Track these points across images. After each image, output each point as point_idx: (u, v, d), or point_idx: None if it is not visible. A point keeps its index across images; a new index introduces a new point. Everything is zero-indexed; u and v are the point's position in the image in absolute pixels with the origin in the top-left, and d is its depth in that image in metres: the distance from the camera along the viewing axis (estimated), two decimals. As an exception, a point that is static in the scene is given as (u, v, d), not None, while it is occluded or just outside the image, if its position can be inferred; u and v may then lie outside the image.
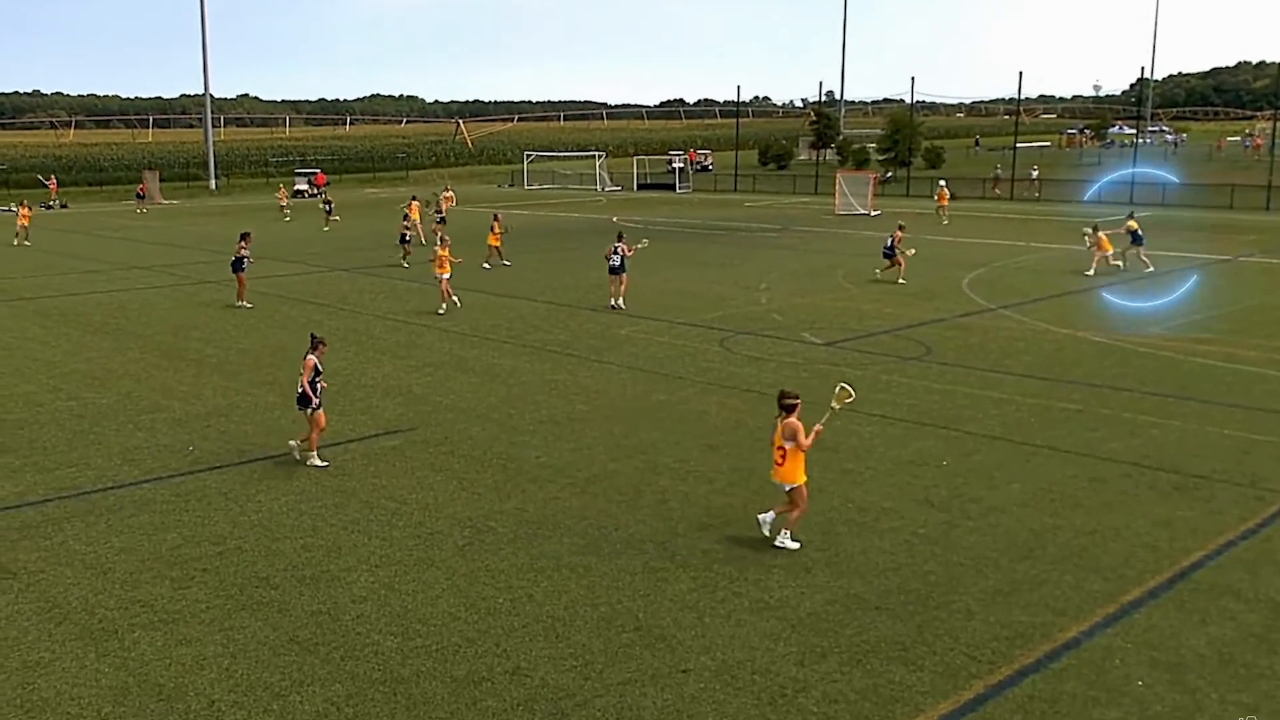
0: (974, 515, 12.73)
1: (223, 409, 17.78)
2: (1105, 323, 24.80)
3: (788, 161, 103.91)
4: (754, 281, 31.87)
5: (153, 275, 34.87)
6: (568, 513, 12.90)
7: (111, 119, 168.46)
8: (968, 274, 33.23)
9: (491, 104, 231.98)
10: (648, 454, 15.14)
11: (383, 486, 13.89)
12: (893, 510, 12.93)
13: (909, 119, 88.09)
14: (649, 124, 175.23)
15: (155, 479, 14.30)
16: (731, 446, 15.46)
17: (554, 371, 20.31)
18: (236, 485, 14.02)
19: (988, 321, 25.16)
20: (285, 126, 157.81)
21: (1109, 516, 12.71)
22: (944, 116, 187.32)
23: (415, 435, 16.19)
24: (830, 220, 53.67)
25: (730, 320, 25.55)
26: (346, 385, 19.28)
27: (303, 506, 13.18)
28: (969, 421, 16.69)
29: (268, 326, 25.28)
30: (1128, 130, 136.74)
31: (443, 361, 21.25)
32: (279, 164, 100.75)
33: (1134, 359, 21.22)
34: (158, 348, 22.91)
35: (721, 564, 11.38)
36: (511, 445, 15.57)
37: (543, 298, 29.00)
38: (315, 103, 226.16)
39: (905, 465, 14.62)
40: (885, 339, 23.29)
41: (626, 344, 22.80)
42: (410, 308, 27.62)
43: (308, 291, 30.69)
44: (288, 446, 15.15)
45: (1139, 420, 16.72)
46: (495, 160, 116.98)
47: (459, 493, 13.63)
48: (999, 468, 14.49)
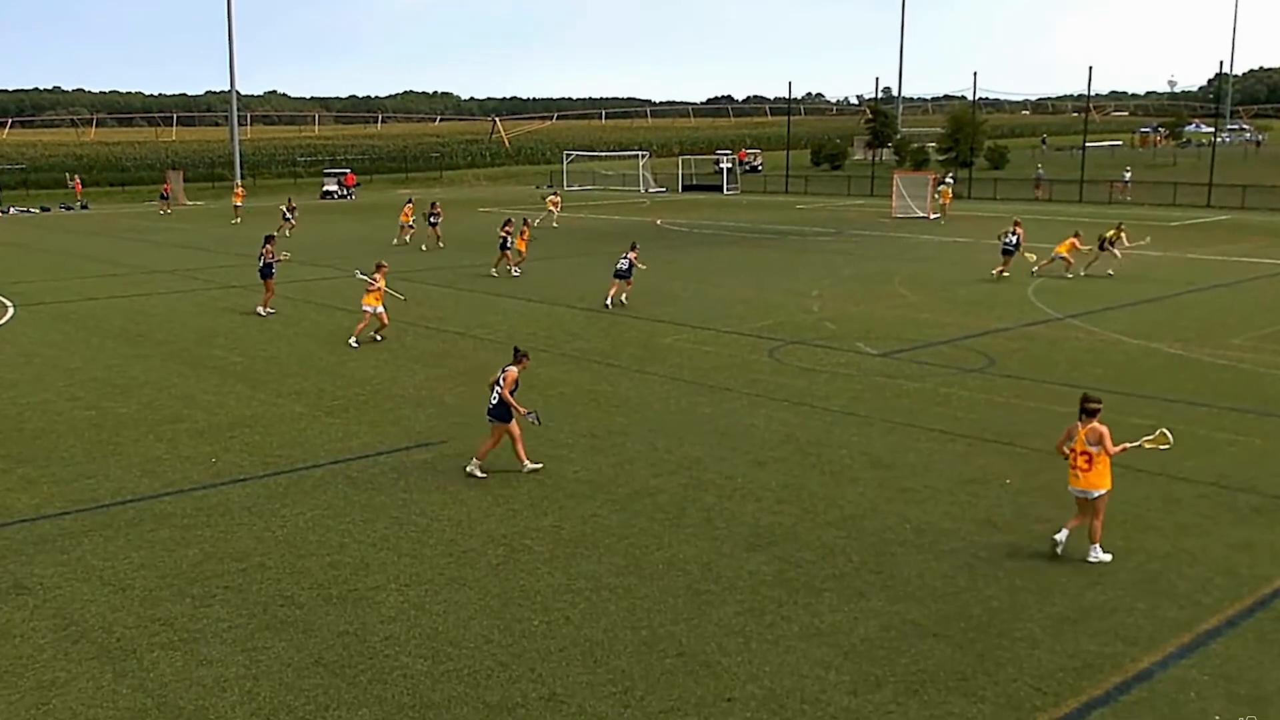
0: (1039, 537, 12.60)
1: (247, 419, 17.96)
2: (1181, 333, 24.50)
3: (842, 162, 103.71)
4: (806, 288, 31.79)
5: (175, 279, 35.31)
6: (607, 531, 12.90)
7: (134, 117, 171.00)
8: (1034, 281, 32.96)
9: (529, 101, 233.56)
10: (692, 470, 15.12)
11: (413, 502, 13.96)
12: (953, 531, 12.83)
13: (971, 117, 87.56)
14: (695, 122, 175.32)
15: (176, 492, 14.45)
16: (781, 462, 15.41)
17: (594, 382, 20.34)
18: (261, 499, 14.14)
19: (1054, 331, 24.94)
20: (314, 125, 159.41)
21: (1184, 540, 12.55)
22: (1008, 114, 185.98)
23: (447, 448, 16.26)
24: (887, 224, 53.48)
25: (780, 329, 25.48)
26: (375, 395, 19.41)
27: (330, 522, 13.27)
28: (1034, 437, 16.53)
29: (294, 334, 25.52)
30: (1205, 129, 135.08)
31: (476, 371, 21.33)
32: (307, 164, 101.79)
33: (1211, 372, 20.95)
34: (180, 355, 23.18)
35: (770, 587, 11.33)
36: (548, 459, 15.60)
37: (582, 304, 29.07)
38: (345, 100, 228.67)
39: (966, 484, 14.51)
40: (945, 350, 23.14)
41: (670, 354, 22.80)
42: (443, 314, 27.78)
43: (337, 296, 30.94)
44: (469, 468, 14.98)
45: (1216, 438, 16.50)
46: (533, 160, 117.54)
47: (493, 509, 13.68)
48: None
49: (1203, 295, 30.56)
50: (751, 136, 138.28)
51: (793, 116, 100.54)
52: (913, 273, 35.17)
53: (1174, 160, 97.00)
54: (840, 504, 13.75)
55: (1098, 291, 30.96)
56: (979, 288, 31.66)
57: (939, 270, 36.08)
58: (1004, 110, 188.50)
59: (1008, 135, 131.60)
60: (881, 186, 71.31)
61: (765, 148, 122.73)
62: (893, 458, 15.55)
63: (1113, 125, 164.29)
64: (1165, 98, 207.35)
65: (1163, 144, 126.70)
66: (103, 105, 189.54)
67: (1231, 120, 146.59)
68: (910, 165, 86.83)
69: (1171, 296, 30.33)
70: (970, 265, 37.24)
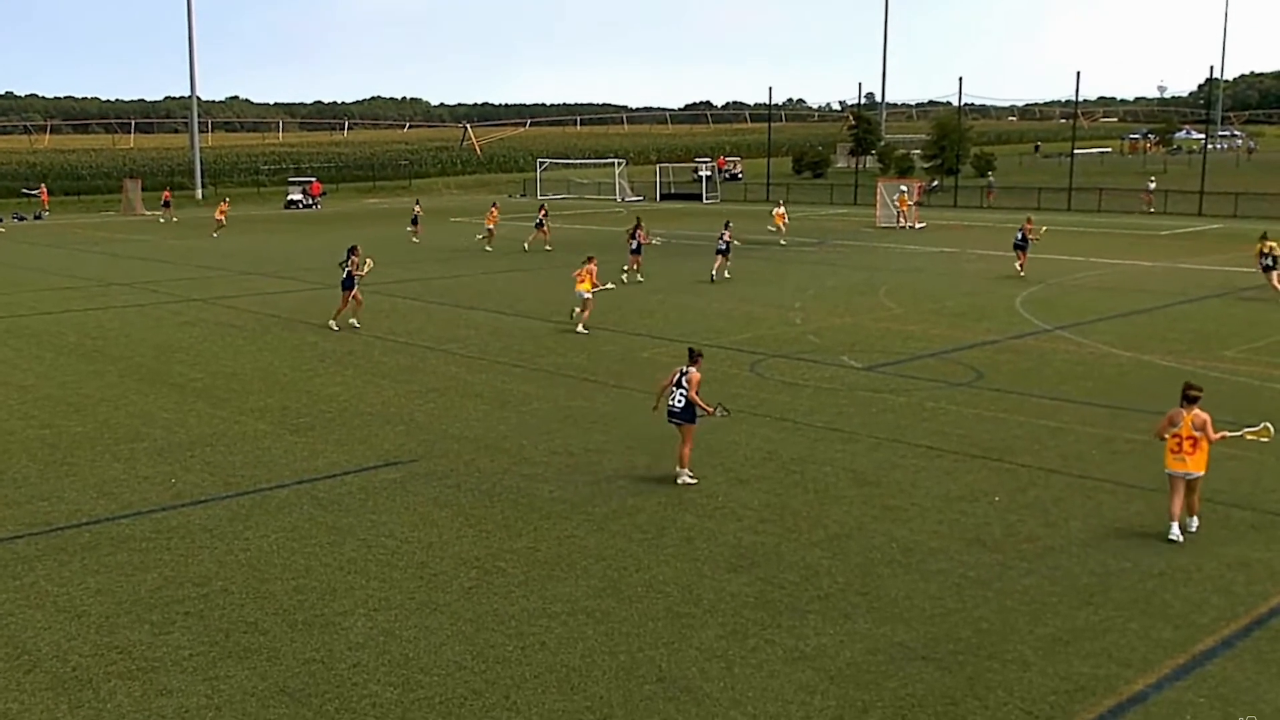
0: (1030, 556, 12.64)
1: (208, 438, 17.86)
2: (1173, 345, 24.67)
3: (824, 170, 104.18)
4: (788, 300, 31.87)
5: (134, 293, 35.14)
6: (584, 552, 12.88)
7: (90, 123, 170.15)
8: (1021, 292, 33.17)
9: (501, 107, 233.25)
10: (671, 488, 15.12)
11: (382, 523, 13.91)
12: (940, 550, 12.86)
13: (956, 123, 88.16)
14: (673, 129, 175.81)
15: (134, 514, 14.35)
16: (763, 480, 15.42)
17: (570, 398, 20.32)
18: (223, 521, 14.06)
19: (1044, 344, 25.08)
20: (278, 131, 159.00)
21: (1179, 558, 12.61)
22: (995, 120, 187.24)
23: (417, 467, 16.21)
24: (871, 233, 53.71)
25: (762, 342, 25.54)
26: (342, 412, 19.34)
27: (294, 545, 13.20)
28: (1024, 453, 16.61)
29: (257, 349, 25.41)
30: (1196, 135, 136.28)
31: (448, 387, 21.30)
32: (271, 172, 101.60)
33: (1205, 384, 21.01)
34: (138, 371, 23.06)
35: (752, 609, 11.33)
36: (523, 478, 15.57)
37: (557, 317, 29.05)
38: (310, 106, 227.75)
39: (954, 501, 14.55)
40: (932, 363, 23.23)
41: (649, 368, 22.79)
42: (413, 327, 27.73)
43: (301, 310, 30.85)
44: (676, 475, 15.34)
45: (1211, 451, 16.57)
46: (506, 168, 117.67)
47: (465, 530, 13.64)
48: (1057, 504, 14.40)
49: (1195, 306, 30.80)
50: (731, 143, 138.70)
51: (774, 123, 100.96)
52: (898, 283, 35.32)
53: (1164, 168, 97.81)
54: (824, 523, 13.77)
55: (1087, 303, 31.16)
56: (966, 299, 31.81)
57: (925, 281, 36.26)
58: (990, 116, 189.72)
59: (994, 142, 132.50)
60: (865, 195, 71.63)
61: (745, 155, 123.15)
62: (878, 475, 15.58)
63: (1101, 131, 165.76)
64: (1155, 103, 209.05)
65: (1153, 151, 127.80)
66: (57, 111, 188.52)
67: (1223, 126, 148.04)
68: (895, 173, 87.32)
69: (1163, 308, 30.55)
70: (957, 276, 37.45)
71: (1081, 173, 74.59)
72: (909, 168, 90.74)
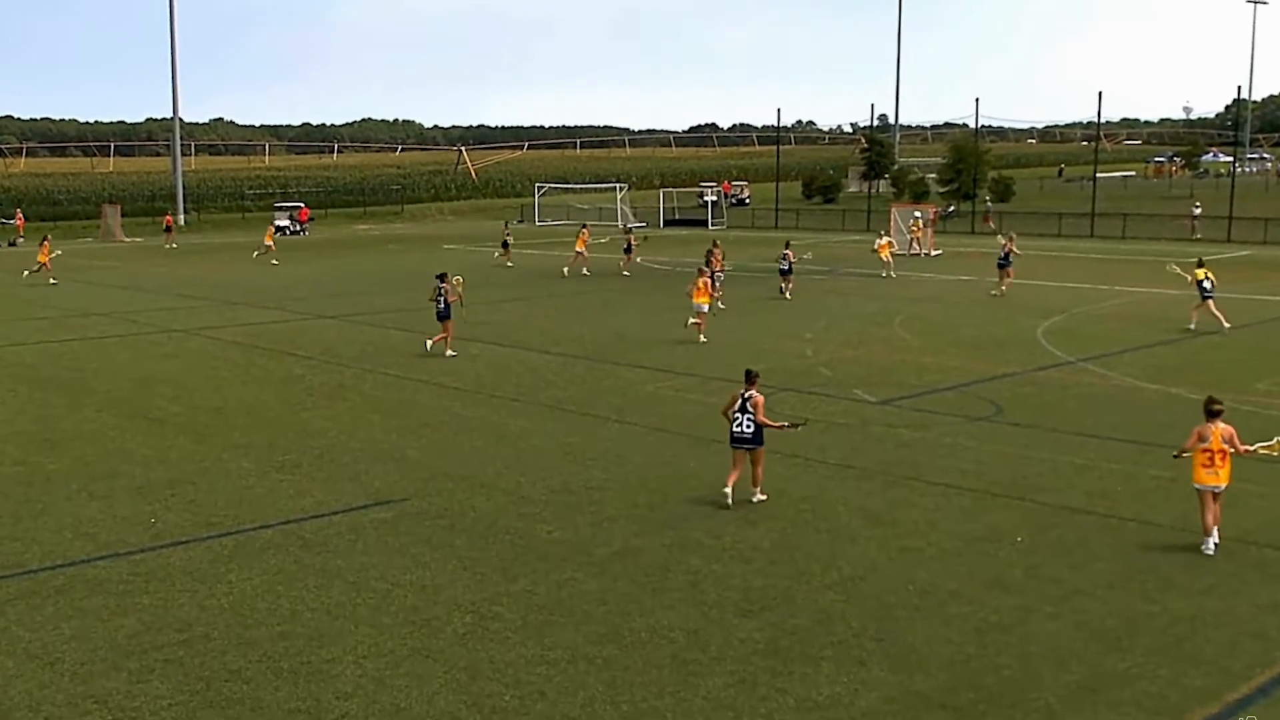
0: (1053, 599, 12.61)
1: (189, 476, 17.86)
2: (1201, 378, 24.65)
3: (836, 194, 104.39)
4: (798, 331, 31.90)
5: (112, 322, 35.21)
6: (585, 596, 12.85)
7: (68, 146, 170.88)
8: (1042, 322, 33.19)
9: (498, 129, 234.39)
10: (677, 529, 15.10)
11: (372, 565, 13.88)
12: (960, 594, 12.82)
13: (973, 146, 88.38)
14: (677, 152, 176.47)
15: (111, 555, 14.33)
16: (773, 520, 15.40)
17: (569, 434, 20.32)
18: (204, 563, 14.03)
19: (1066, 376, 25.08)
20: (264, 155, 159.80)
21: (1209, 601, 12.57)
22: (1013, 143, 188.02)
23: (409, 506, 16.20)
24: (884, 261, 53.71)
25: (771, 375, 25.47)
26: (331, 449, 19.34)
27: (280, 588, 13.18)
28: (1046, 491, 16.59)
29: (241, 382, 25.44)
30: (1223, 158, 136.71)
31: (441, 422, 21.30)
32: (256, 197, 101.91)
33: (1234, 420, 20.98)
34: (117, 405, 23.07)
35: (762, 656, 11.29)
36: (520, 518, 15.55)
37: (557, 349, 29.09)
38: (298, 128, 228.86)
39: (974, 542, 14.52)
40: (949, 396, 23.23)
41: (653, 402, 22.82)
42: (404, 360, 27.76)
43: (288, 341, 30.90)
44: (725, 498, 15.88)
45: (1243, 490, 16.54)
46: (502, 193, 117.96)
47: (460, 573, 13.61)
48: (1081, 544, 14.37)
49: (1224, 337, 30.79)
50: (738, 167, 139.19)
51: (782, 146, 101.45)
52: (914, 313, 35.36)
53: (1191, 192, 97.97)
54: (838, 565, 13.74)
55: (1111, 333, 31.18)
56: (984, 329, 31.83)
57: (942, 311, 36.31)
58: (1009, 139, 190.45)
59: (1013, 165, 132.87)
60: (878, 221, 71.72)
61: (753, 179, 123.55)
62: (894, 514, 15.55)
63: (1125, 154, 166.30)
64: (1180, 125, 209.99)
65: (1178, 174, 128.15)
66: (33, 133, 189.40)
67: (1251, 149, 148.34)
68: (909, 198, 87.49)
69: (1190, 338, 30.55)
70: (976, 305, 37.50)
71: (1104, 197, 74.70)
72: (924, 192, 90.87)
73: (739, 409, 16.05)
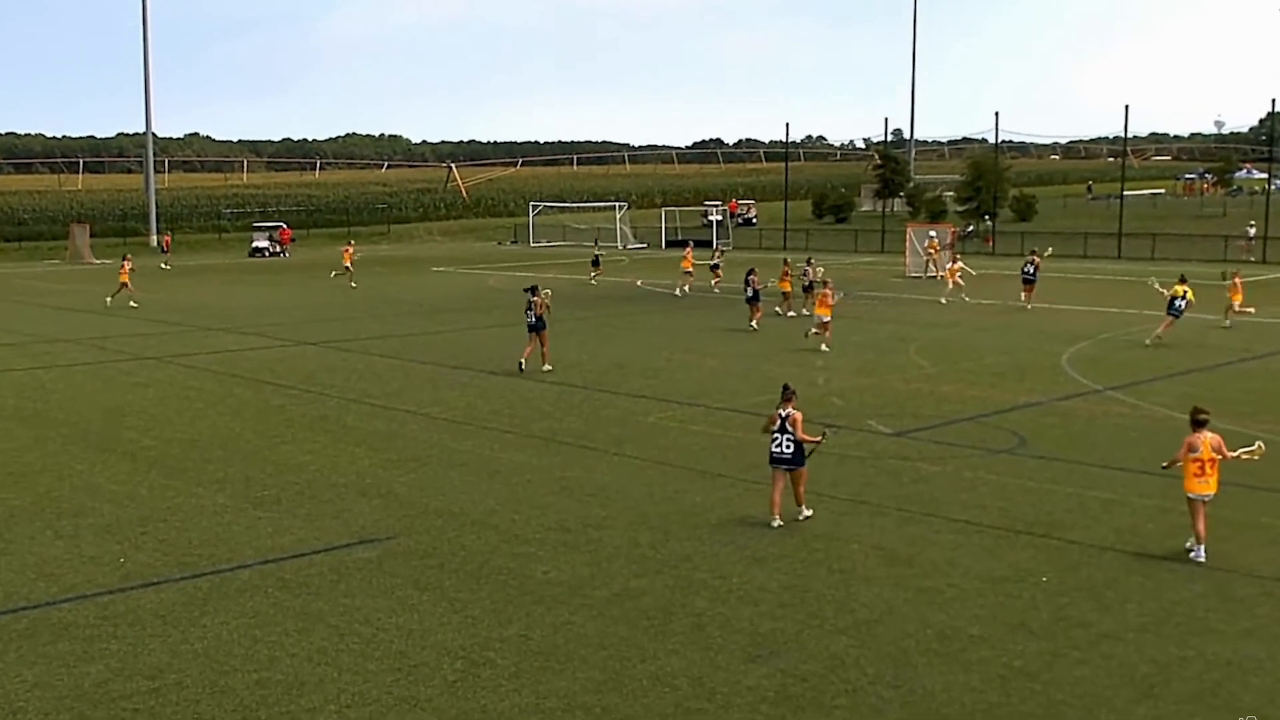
0: (1081, 644, 12.57)
1: (161, 513, 17.83)
2: (1237, 408, 24.65)
3: (848, 214, 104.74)
4: (809, 358, 31.91)
5: (81, 350, 35.23)
6: (582, 641, 12.81)
7: (34, 162, 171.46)
8: (1068, 348, 33.21)
9: (490, 145, 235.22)
10: (680, 569, 15.06)
11: (356, 608, 13.84)
12: (981, 638, 12.79)
13: (993, 162, 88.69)
14: (680, 169, 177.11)
15: (78, 598, 14.29)
16: (782, 559, 15.37)
17: (566, 468, 20.31)
18: (177, 606, 13.99)
19: (1094, 406, 25.07)
20: (243, 171, 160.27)
21: (1247, 645, 12.53)
22: (1036, 159, 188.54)
23: (396, 545, 16.17)
24: (900, 284, 53.86)
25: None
26: (311, 484, 19.32)
27: (257, 632, 13.13)
28: (1073, 528, 16.56)
29: (217, 412, 25.44)
30: (1258, 174, 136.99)
31: (430, 455, 21.29)
32: (234, 216, 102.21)
33: (1274, 451, 21.02)
34: (84, 437, 23.06)
35: (771, 705, 11.26)
36: (513, 558, 15.52)
37: (551, 378, 29.10)
38: (279, 144, 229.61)
39: (996, 582, 14.49)
40: (969, 427, 23.22)
41: (654, 434, 22.81)
42: (391, 389, 27.77)
43: (267, 369, 30.91)
44: (774, 522, 16.57)
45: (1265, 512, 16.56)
46: (495, 212, 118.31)
47: (449, 616, 13.57)
48: (1111, 585, 14.34)
49: (1261, 364, 30.81)
50: (744, 185, 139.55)
51: (791, 162, 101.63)
52: (931, 339, 35.39)
53: (1224, 210, 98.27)
54: (851, 607, 13.70)
55: (1141, 360, 31.19)
56: (1006, 356, 31.84)
57: (961, 336, 36.35)
58: (1030, 155, 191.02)
59: (1035, 183, 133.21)
60: (893, 241, 71.94)
61: (760, 198, 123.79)
62: (911, 553, 15.52)
63: (1153, 171, 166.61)
64: (1212, 139, 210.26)
65: (1210, 192, 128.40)
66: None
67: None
68: (925, 217, 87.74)
69: (1225, 365, 30.57)
70: (996, 331, 37.54)
71: (1132, 216, 74.96)
72: (941, 211, 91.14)
73: (778, 428, 16.67)
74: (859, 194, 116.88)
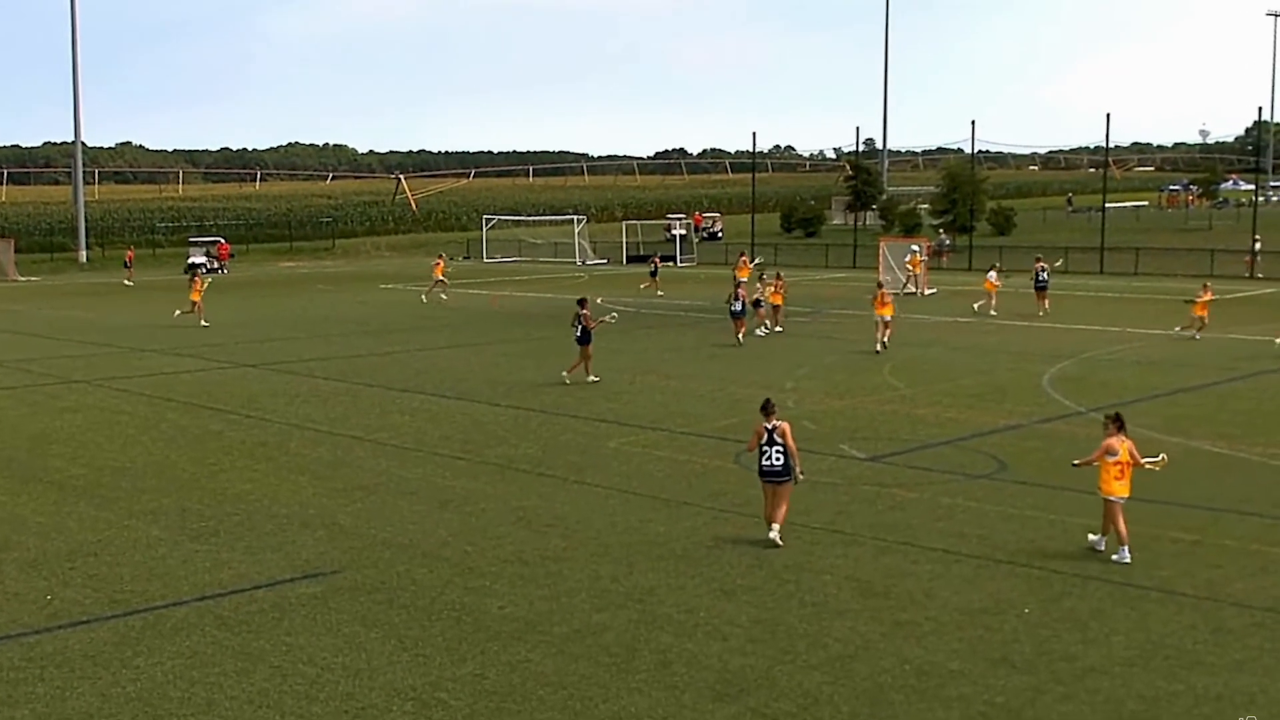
0: (1066, 679, 12.62)
1: (91, 546, 17.67)
2: (1224, 429, 24.89)
3: (818, 227, 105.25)
4: (778, 379, 31.98)
5: (3, 373, 34.90)
6: (540, 680, 12.76)
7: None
8: (1049, 368, 33.43)
9: (441, 156, 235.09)
10: (644, 602, 15.04)
11: (299, 647, 13.75)
12: (961, 673, 12.82)
13: (969, 173, 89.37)
14: (641, 180, 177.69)
15: (1, 638, 14.13)
16: (752, 592, 15.37)
17: (522, 496, 20.26)
18: (108, 646, 13.86)
19: (1076, 428, 25.22)
20: (178, 183, 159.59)
21: (1239, 678, 12.60)
22: (1014, 170, 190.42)
23: (342, 579, 16.08)
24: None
25: (748, 429, 25.51)
26: (252, 514, 19.20)
27: (194, 674, 13.02)
28: (1056, 557, 16.63)
29: (151, 439, 25.25)
30: (1244, 186, 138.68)
31: (378, 483, 21.20)
32: (169, 230, 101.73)
33: (1263, 475, 21.24)
34: (7, 466, 22.85)
35: (740, 746, 11.23)
36: (468, 592, 15.46)
37: (507, 401, 29.05)
38: (217, 153, 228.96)
39: (976, 614, 14.53)
40: (946, 451, 23.31)
41: (616, 460, 22.79)
42: (336, 413, 27.64)
43: (204, 393, 30.71)
44: (769, 537, 17.01)
45: (1272, 553, 16.69)
46: (446, 225, 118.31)
47: (399, 654, 13.50)
48: (1096, 616, 14.40)
49: (1248, 383, 31.11)
50: (709, 197, 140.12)
51: (759, 173, 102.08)
52: (906, 359, 35.54)
53: (1209, 224, 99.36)
54: (825, 642, 13.71)
55: (1125, 380, 31.43)
56: (984, 377, 32.02)
57: (937, 356, 36.53)
58: (1009, 165, 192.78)
59: (1013, 195, 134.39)
60: (866, 256, 72.31)
61: (726, 210, 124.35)
62: (887, 584, 15.54)
63: (1136, 182, 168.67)
64: (1196, 150, 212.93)
65: (1195, 204, 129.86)
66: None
67: (1274, 176, 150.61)
68: (899, 230, 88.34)
69: (1211, 385, 30.85)
70: (974, 350, 37.75)
71: (1115, 229, 75.65)
72: (915, 224, 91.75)
73: (767, 442, 17.13)
74: (829, 206, 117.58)
